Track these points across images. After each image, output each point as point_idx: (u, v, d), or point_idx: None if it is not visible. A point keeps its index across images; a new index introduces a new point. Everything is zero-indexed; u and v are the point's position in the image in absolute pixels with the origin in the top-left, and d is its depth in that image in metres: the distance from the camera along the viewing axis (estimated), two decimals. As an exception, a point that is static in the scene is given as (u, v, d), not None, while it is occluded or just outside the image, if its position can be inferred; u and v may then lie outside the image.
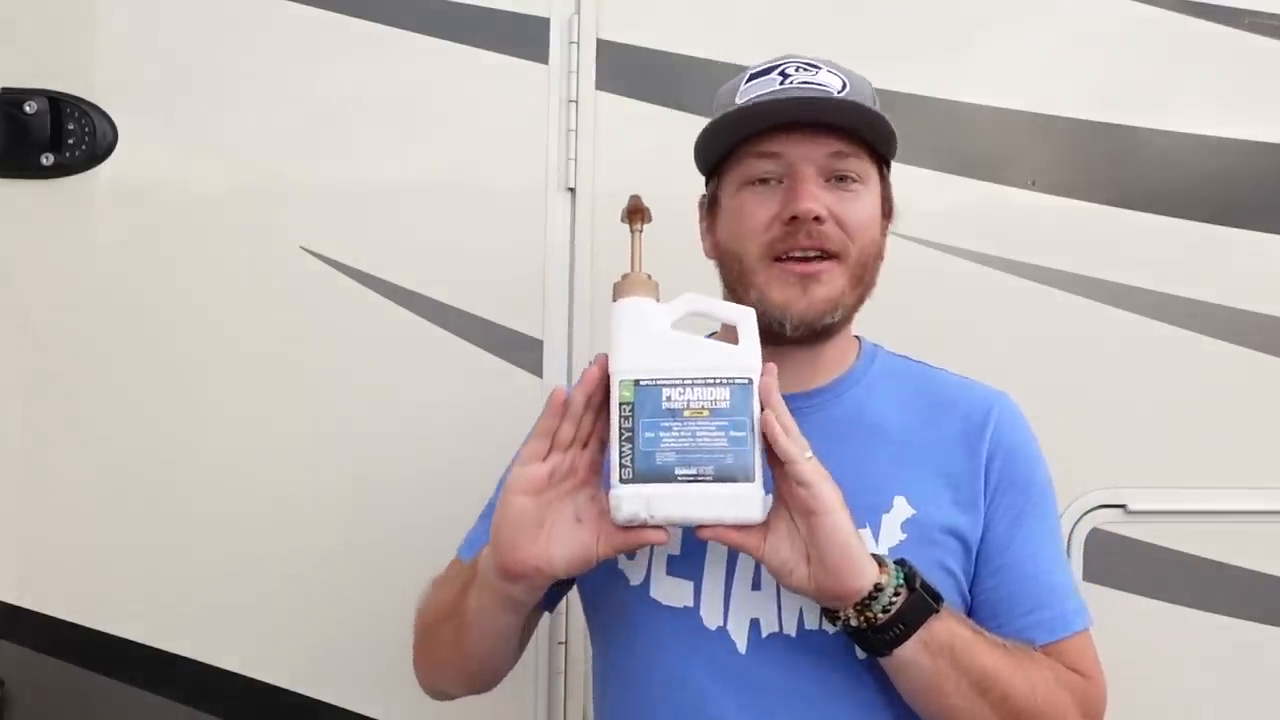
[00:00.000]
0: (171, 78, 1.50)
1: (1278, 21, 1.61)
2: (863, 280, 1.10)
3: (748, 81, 1.11)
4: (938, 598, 0.98)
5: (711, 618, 1.06)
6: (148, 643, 1.48)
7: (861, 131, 1.08)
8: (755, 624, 1.05)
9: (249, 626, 1.50)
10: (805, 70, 1.09)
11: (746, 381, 0.96)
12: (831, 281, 1.07)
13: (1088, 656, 1.08)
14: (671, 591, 1.08)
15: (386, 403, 1.51)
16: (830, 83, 1.09)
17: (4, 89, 1.47)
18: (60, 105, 1.47)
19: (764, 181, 1.08)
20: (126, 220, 1.51)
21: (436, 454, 1.51)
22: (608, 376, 0.96)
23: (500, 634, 1.08)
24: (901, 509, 1.07)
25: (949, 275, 1.56)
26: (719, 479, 0.94)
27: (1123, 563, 1.56)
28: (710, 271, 1.17)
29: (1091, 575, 1.54)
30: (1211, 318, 1.59)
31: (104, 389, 1.48)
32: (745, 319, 1.00)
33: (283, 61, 1.52)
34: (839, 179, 1.08)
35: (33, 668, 1.46)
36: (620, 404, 0.96)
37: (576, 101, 1.53)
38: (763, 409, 0.95)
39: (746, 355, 0.98)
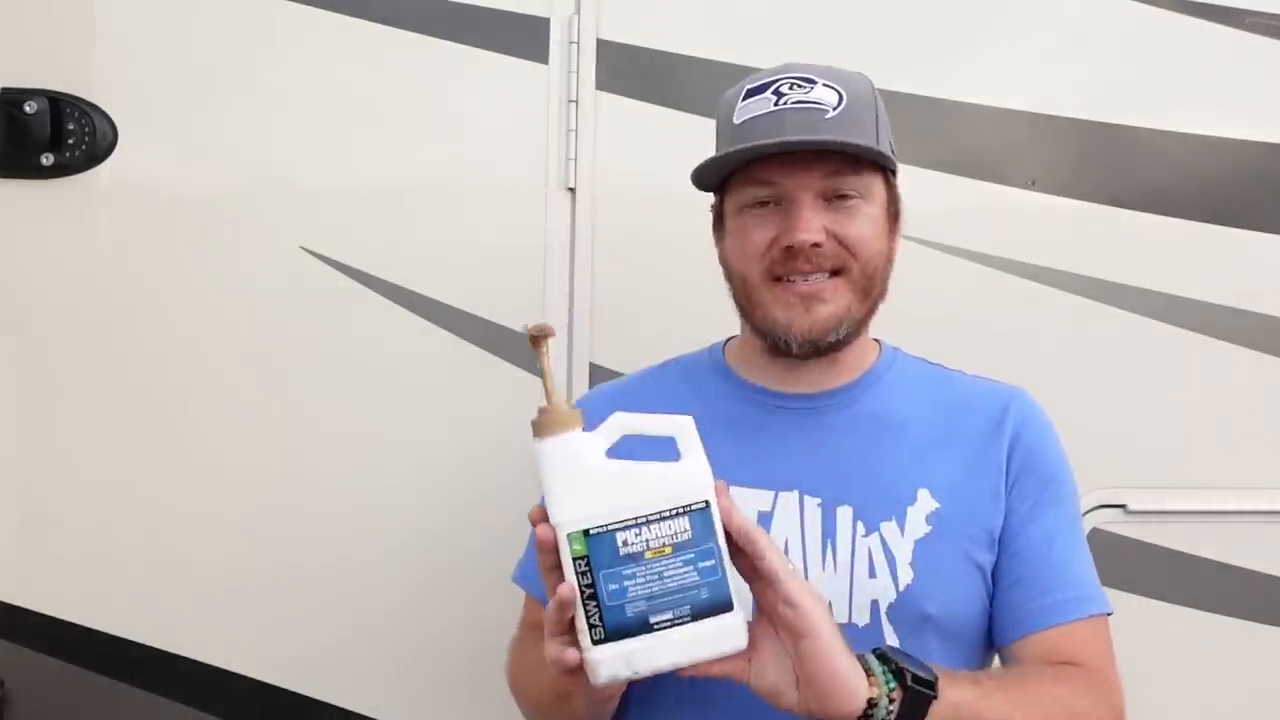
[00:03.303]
0: (171, 78, 1.50)
1: (1278, 21, 1.61)
2: (870, 292, 1.10)
3: (744, 98, 1.10)
4: (931, 683, 0.94)
5: None
6: (148, 643, 1.48)
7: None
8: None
9: (249, 626, 1.50)
10: (800, 87, 1.08)
11: (704, 505, 0.88)
12: (836, 299, 1.08)
13: (1100, 644, 1.09)
14: None
15: (386, 402, 1.51)
16: (825, 99, 1.07)
17: (4, 89, 1.47)
18: (60, 105, 1.47)
19: (763, 204, 1.09)
20: (126, 220, 1.51)
21: (436, 453, 1.51)
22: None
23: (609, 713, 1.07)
24: (925, 502, 1.08)
25: (949, 275, 1.56)
26: (697, 616, 0.87)
27: (1123, 563, 1.56)
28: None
29: (1091, 575, 1.54)
30: (1211, 318, 1.59)
31: (104, 389, 1.48)
32: (683, 431, 0.91)
33: (283, 61, 1.52)
34: (839, 196, 1.08)
35: (33, 668, 1.46)
36: (574, 559, 0.87)
37: (576, 101, 1.53)
38: (728, 533, 0.89)
39: (695, 473, 0.90)
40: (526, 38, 1.53)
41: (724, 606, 0.88)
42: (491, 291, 1.53)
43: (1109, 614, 1.11)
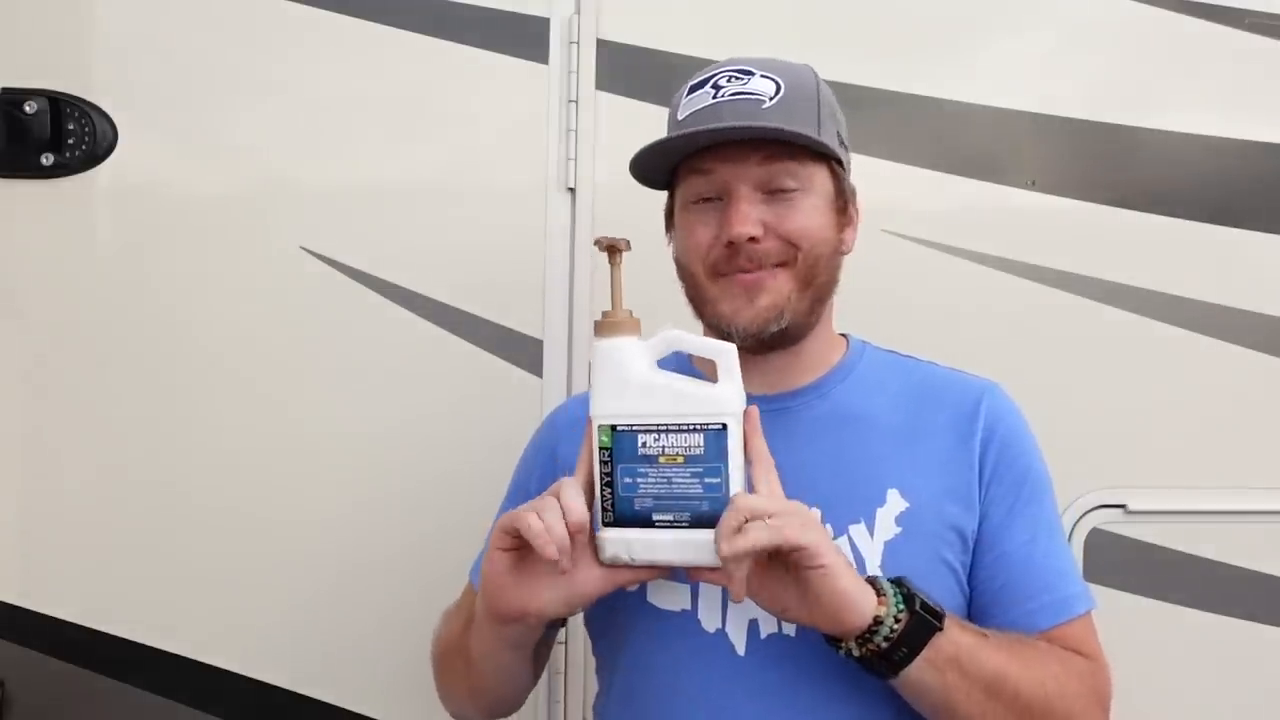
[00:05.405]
0: (171, 78, 1.50)
1: (1278, 21, 1.61)
2: (813, 282, 1.09)
3: (687, 94, 1.11)
4: (939, 615, 0.97)
5: (710, 620, 1.06)
6: (148, 643, 1.48)
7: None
8: (754, 625, 1.05)
9: (249, 626, 1.50)
10: (737, 79, 1.08)
11: (720, 427, 0.95)
12: (776, 288, 1.07)
13: (1091, 639, 1.09)
14: (669, 596, 1.08)
15: (386, 402, 1.51)
16: (762, 89, 1.07)
17: (4, 89, 1.47)
18: (60, 105, 1.47)
19: (707, 200, 1.09)
20: (126, 220, 1.51)
21: (436, 454, 1.51)
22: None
23: (504, 669, 1.11)
24: (895, 502, 1.07)
25: (949, 275, 1.56)
26: (695, 525, 0.94)
27: (1123, 563, 1.56)
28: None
29: (1091, 575, 1.53)
30: (1211, 318, 1.59)
31: (104, 389, 1.48)
32: (725, 355, 0.97)
33: (283, 61, 1.52)
34: (779, 190, 1.07)
35: (33, 668, 1.46)
36: (599, 448, 0.97)
37: (576, 101, 1.53)
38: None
39: (725, 397, 0.96)
40: (526, 38, 1.53)
41: None
42: (491, 291, 1.53)
43: (1094, 608, 1.10)
